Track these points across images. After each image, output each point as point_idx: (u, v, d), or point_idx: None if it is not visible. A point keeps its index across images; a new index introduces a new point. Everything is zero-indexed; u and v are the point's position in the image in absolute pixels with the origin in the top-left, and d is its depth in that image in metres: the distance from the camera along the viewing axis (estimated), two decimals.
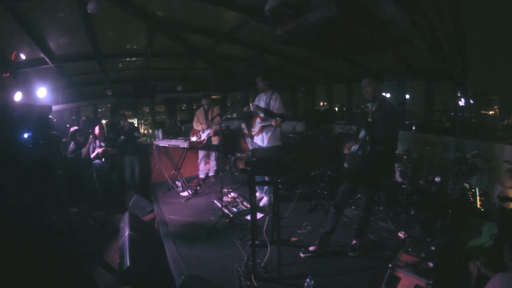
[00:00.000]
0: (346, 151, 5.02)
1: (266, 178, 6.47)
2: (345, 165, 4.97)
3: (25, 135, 4.39)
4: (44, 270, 4.04)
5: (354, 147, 4.90)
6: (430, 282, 3.67)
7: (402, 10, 4.75)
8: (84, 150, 7.80)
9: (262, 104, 7.10)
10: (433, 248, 4.71)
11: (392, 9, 4.77)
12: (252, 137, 7.48)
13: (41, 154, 4.82)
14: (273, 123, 6.72)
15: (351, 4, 4.65)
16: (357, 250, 5.11)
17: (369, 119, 4.73)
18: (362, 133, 4.81)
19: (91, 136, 7.98)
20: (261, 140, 7.16)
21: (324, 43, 6.31)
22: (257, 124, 7.17)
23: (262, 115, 7.06)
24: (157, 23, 7.03)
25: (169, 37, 7.96)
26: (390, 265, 4.04)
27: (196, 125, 9.24)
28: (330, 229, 5.17)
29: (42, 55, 7.19)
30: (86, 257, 5.06)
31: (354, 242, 5.20)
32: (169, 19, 7.09)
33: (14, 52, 6.97)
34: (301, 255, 5.20)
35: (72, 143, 7.93)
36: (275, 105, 6.87)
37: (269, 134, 7.01)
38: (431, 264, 4.05)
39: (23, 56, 7.21)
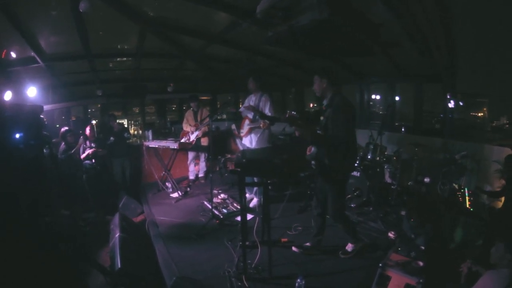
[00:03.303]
0: (308, 152, 5.00)
1: (255, 179, 6.46)
2: (312, 163, 4.97)
3: (17, 136, 4.37)
4: (38, 271, 4.03)
5: (314, 149, 4.89)
6: (421, 280, 3.70)
7: (392, 13, 4.78)
8: (74, 150, 7.75)
9: None
10: (423, 247, 4.76)
11: (382, 12, 4.80)
12: (241, 138, 7.48)
13: (33, 155, 4.80)
14: (261, 125, 6.70)
15: (342, 7, 4.67)
16: (349, 253, 5.11)
17: (321, 118, 4.76)
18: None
19: (81, 137, 7.93)
20: (249, 141, 7.15)
21: (314, 45, 6.34)
22: (246, 125, 7.16)
23: (250, 116, 7.08)
24: (148, 23, 7.02)
25: (160, 38, 7.95)
26: (380, 265, 4.06)
27: (186, 126, 9.21)
28: (318, 231, 5.24)
29: (32, 53, 7.14)
30: (80, 259, 5.04)
31: (348, 245, 5.20)
32: (160, 20, 7.08)
33: (5, 50, 6.92)
34: (293, 248, 5.33)
35: (63, 143, 7.88)
36: (265, 107, 6.85)
37: (258, 135, 7.00)
38: (421, 263, 4.08)
39: (13, 55, 7.16)
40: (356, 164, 7.12)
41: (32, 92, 7.03)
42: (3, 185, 4.08)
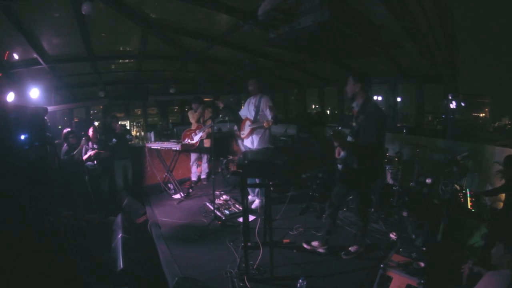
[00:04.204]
0: (337, 155, 5.08)
1: (257, 181, 6.48)
2: (339, 167, 5.03)
3: (22, 137, 4.38)
4: (42, 271, 4.05)
5: (343, 153, 4.95)
6: (422, 281, 3.71)
7: (392, 15, 4.80)
8: (76, 152, 7.75)
9: (251, 108, 7.15)
10: (422, 247, 4.77)
11: (383, 14, 4.81)
12: (242, 139, 7.49)
13: (38, 156, 4.81)
14: (264, 124, 6.70)
15: (343, 8, 4.69)
16: (352, 254, 5.13)
17: (353, 123, 4.81)
18: (349, 138, 4.82)
19: (83, 138, 7.94)
20: (251, 142, 7.17)
21: (316, 47, 6.36)
22: (247, 126, 7.19)
23: (251, 117, 7.13)
24: (150, 25, 7.04)
25: (161, 40, 7.97)
26: (382, 266, 4.08)
27: (192, 118, 9.22)
28: (327, 231, 5.27)
29: (35, 55, 7.18)
30: (83, 259, 5.05)
31: (354, 247, 5.23)
32: (162, 22, 7.10)
33: (7, 52, 6.95)
34: (305, 245, 5.40)
35: (65, 144, 7.89)
36: (266, 108, 6.91)
37: (259, 136, 7.02)
38: (422, 264, 4.09)
39: (16, 56, 7.19)
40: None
41: (34, 93, 7.04)
42: (9, 185, 4.10)
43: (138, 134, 14.41)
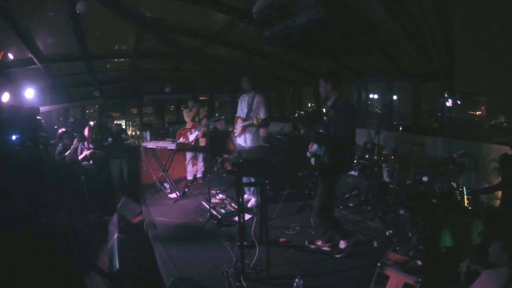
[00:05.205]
0: (310, 148, 5.15)
1: (253, 179, 6.47)
2: (312, 161, 5.04)
3: (13, 137, 4.35)
4: (36, 272, 4.02)
5: (315, 147, 4.97)
6: (419, 280, 3.69)
7: (390, 14, 4.78)
8: (68, 154, 7.70)
9: (244, 106, 7.14)
10: (416, 245, 4.76)
11: (380, 12, 4.79)
12: (235, 138, 7.46)
13: (30, 156, 4.78)
14: (254, 121, 6.69)
15: (339, 6, 4.67)
16: (344, 251, 5.10)
17: (325, 118, 4.91)
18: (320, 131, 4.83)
19: (76, 139, 7.86)
20: (243, 140, 7.15)
21: (311, 45, 6.33)
22: (239, 124, 7.18)
23: (242, 115, 7.13)
24: (146, 24, 7.01)
25: (157, 38, 7.94)
26: (379, 264, 4.06)
27: (187, 117, 9.19)
28: (325, 228, 5.26)
29: (30, 55, 7.15)
30: (78, 260, 5.02)
31: (341, 243, 5.20)
32: (157, 20, 7.08)
33: (2, 52, 6.91)
34: (311, 246, 5.41)
35: (60, 144, 7.85)
36: (260, 106, 6.90)
37: (252, 134, 6.99)
38: (419, 262, 4.08)
39: (11, 56, 7.16)
40: (353, 164, 7.12)
41: (29, 93, 7.01)
42: (2, 185, 4.08)
43: (133, 133, 14.41)
